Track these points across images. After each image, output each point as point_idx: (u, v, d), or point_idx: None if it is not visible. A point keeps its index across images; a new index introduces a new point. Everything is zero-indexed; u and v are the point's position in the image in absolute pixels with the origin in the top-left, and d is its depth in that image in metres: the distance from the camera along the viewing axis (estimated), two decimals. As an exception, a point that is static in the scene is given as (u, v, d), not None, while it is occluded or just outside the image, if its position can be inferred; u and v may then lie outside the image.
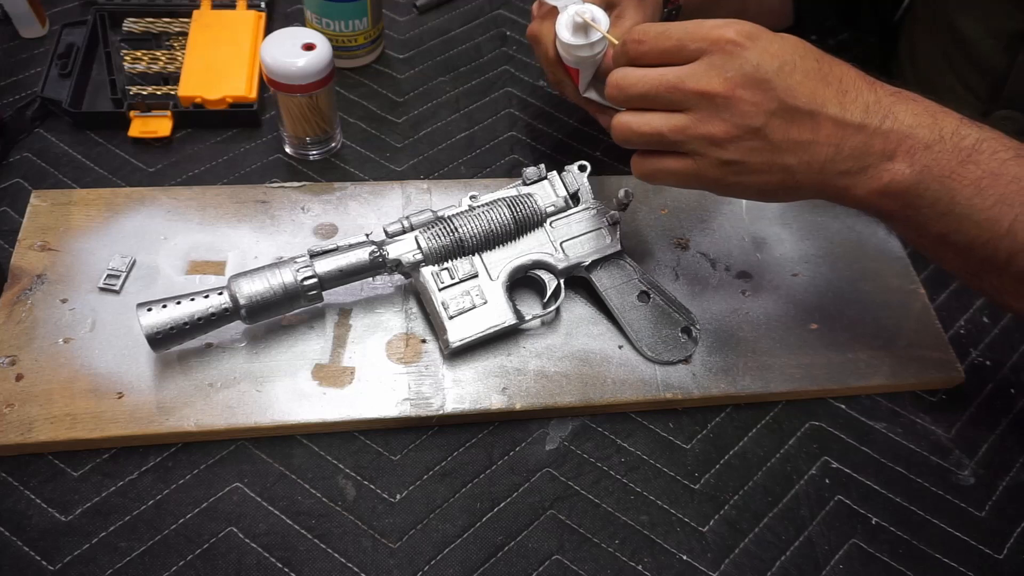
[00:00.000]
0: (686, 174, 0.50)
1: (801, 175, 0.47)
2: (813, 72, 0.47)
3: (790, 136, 0.46)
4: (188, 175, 0.69)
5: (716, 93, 0.46)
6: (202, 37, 0.75)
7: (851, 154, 0.46)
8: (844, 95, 0.47)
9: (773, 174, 0.48)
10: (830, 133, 0.46)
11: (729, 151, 0.47)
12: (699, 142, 0.48)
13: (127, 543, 0.50)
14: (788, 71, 0.46)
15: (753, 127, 0.46)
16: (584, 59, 0.57)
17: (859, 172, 0.47)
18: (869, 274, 0.67)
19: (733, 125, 0.46)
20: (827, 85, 0.47)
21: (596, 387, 0.58)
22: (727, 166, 0.48)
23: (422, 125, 0.75)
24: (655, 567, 0.52)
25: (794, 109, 0.46)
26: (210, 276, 0.61)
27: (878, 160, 0.46)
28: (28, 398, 0.53)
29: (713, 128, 0.47)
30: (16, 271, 0.59)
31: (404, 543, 0.52)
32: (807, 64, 0.47)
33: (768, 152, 0.47)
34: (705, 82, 0.46)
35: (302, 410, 0.55)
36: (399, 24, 0.84)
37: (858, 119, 0.46)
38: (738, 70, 0.45)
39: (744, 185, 0.49)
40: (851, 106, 0.46)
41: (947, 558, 0.54)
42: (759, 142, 0.47)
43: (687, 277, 0.65)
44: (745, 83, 0.46)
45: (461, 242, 0.58)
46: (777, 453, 0.58)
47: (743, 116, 0.46)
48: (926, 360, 0.62)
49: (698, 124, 0.47)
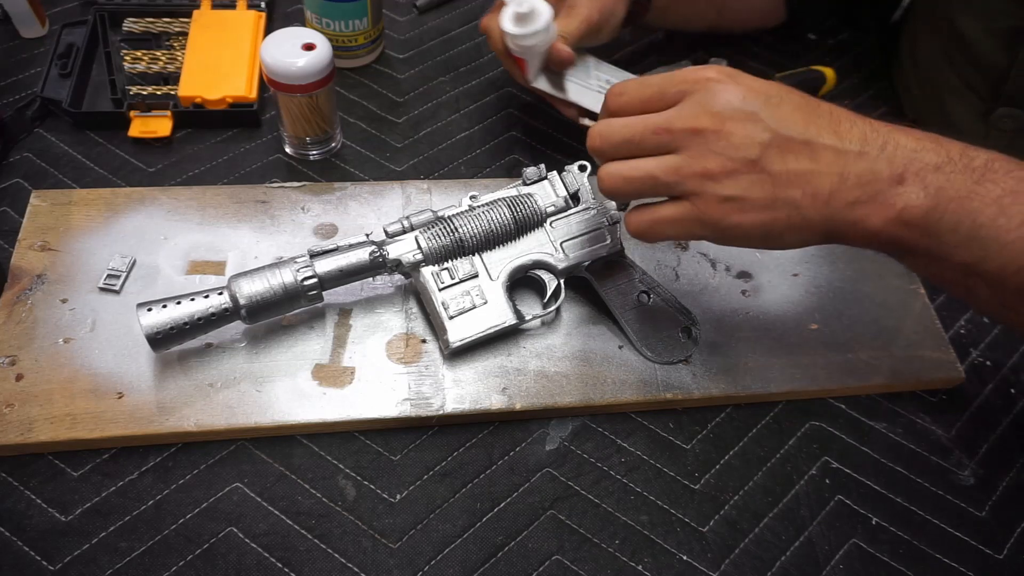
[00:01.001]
0: (686, 219, 0.47)
1: (808, 209, 0.45)
2: (801, 105, 0.46)
3: (788, 166, 0.45)
4: (188, 175, 0.69)
5: (706, 128, 0.45)
6: (202, 37, 0.75)
7: (857, 182, 0.44)
8: (838, 124, 0.45)
9: (778, 210, 0.45)
10: (831, 161, 0.45)
11: (727, 187, 0.45)
12: (695, 180, 0.46)
13: (127, 543, 0.50)
14: (775, 104, 0.45)
15: (749, 159, 0.45)
16: (528, 48, 0.61)
17: (869, 200, 0.44)
18: (869, 274, 0.67)
19: (728, 159, 0.45)
20: (817, 116, 0.45)
21: (596, 387, 0.58)
22: (728, 203, 0.46)
23: (422, 125, 0.75)
24: (655, 567, 0.52)
25: (788, 138, 0.45)
26: (210, 276, 0.61)
27: (887, 186, 0.44)
28: (28, 398, 0.53)
29: (708, 164, 0.45)
30: (16, 271, 0.59)
31: (404, 543, 0.52)
32: (793, 98, 0.46)
33: (769, 185, 0.45)
34: (693, 120, 0.45)
35: (302, 410, 0.55)
36: (399, 24, 0.84)
37: (856, 147, 0.45)
38: (725, 105, 0.45)
39: (748, 225, 0.46)
40: (847, 135, 0.45)
41: (947, 558, 0.54)
42: (758, 175, 0.45)
43: (687, 277, 0.65)
44: (734, 116, 0.45)
45: (461, 242, 0.58)
46: (777, 453, 0.58)
47: (737, 148, 0.45)
48: (926, 360, 0.62)
49: (692, 162, 0.45)
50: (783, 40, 0.88)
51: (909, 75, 0.83)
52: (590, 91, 0.68)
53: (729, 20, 0.83)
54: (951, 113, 0.77)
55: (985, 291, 0.45)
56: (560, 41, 0.63)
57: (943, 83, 0.77)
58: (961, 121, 0.76)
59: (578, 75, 0.68)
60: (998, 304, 0.46)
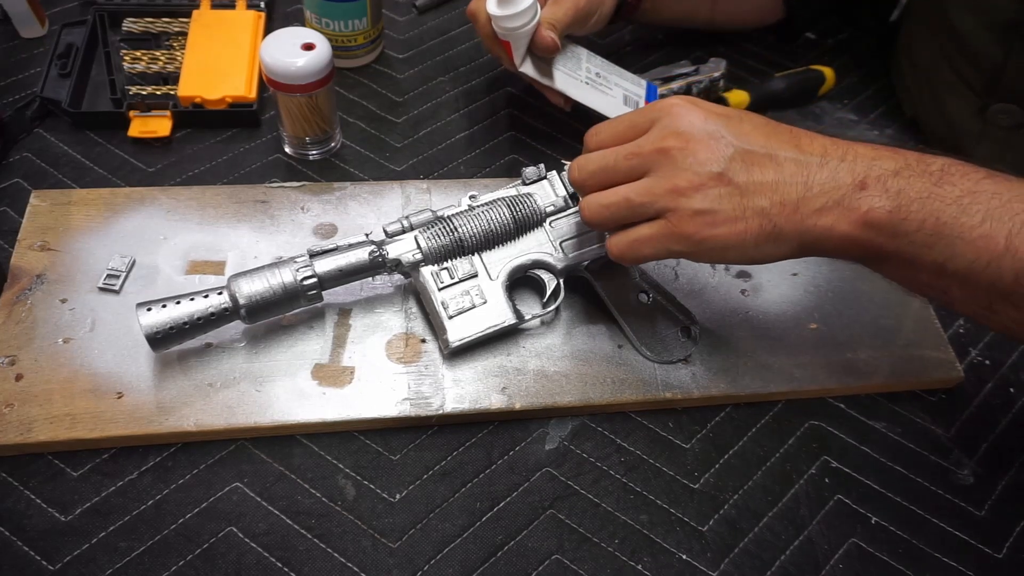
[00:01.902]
0: (662, 236, 0.50)
1: (778, 217, 0.48)
2: (760, 124, 0.50)
3: (753, 177, 0.48)
4: (188, 175, 0.69)
5: (672, 147, 0.48)
6: (202, 37, 0.75)
7: (821, 189, 0.47)
8: (798, 139, 0.49)
9: (749, 220, 0.48)
10: (794, 171, 0.47)
11: (697, 200, 0.48)
12: (667, 197, 0.49)
13: (127, 543, 0.50)
14: (736, 123, 0.49)
15: (715, 172, 0.48)
16: (512, 31, 0.61)
17: (835, 206, 0.47)
18: (869, 274, 0.66)
19: (695, 174, 0.48)
20: (778, 133, 0.49)
21: (596, 387, 0.58)
22: (699, 216, 0.48)
23: (422, 125, 0.75)
24: (655, 567, 0.52)
25: (751, 152, 0.48)
26: (210, 276, 0.61)
27: (851, 191, 0.46)
28: (28, 398, 0.53)
29: (678, 180, 0.48)
30: (16, 271, 0.59)
31: (404, 543, 0.52)
32: (753, 119, 0.50)
33: (737, 196, 0.48)
34: (660, 141, 0.49)
35: (302, 410, 0.55)
36: (399, 24, 0.84)
37: (818, 158, 0.48)
38: (688, 126, 0.48)
39: (722, 237, 0.48)
40: (807, 148, 0.48)
41: (947, 558, 0.54)
42: (725, 187, 0.48)
43: (686, 277, 0.65)
44: (698, 136, 0.48)
45: (461, 242, 0.58)
46: (777, 453, 0.58)
47: (703, 164, 0.48)
48: (926, 360, 0.62)
49: (661, 181, 0.49)
50: (782, 40, 0.88)
51: (907, 73, 0.83)
52: (577, 81, 0.68)
53: (724, 16, 0.83)
54: (948, 110, 0.77)
55: (959, 292, 0.47)
56: (546, 27, 0.64)
57: (940, 80, 0.77)
58: (958, 118, 0.76)
59: (568, 65, 0.68)
60: (974, 304, 0.47)
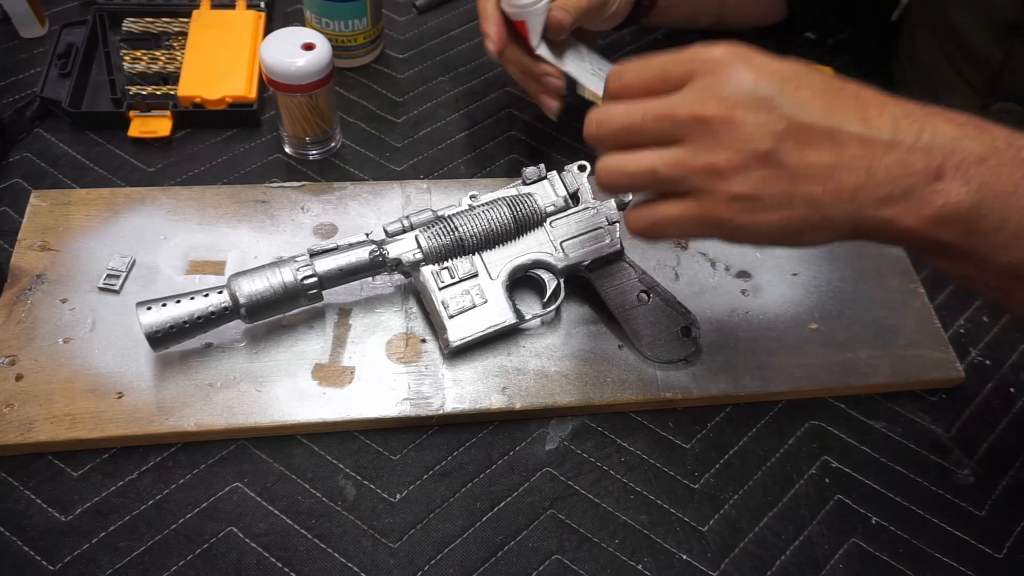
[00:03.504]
0: (691, 219, 0.42)
1: (830, 207, 0.40)
2: (823, 87, 0.40)
3: (807, 160, 0.39)
4: (188, 175, 0.69)
5: (712, 117, 0.40)
6: (202, 37, 0.75)
7: (887, 177, 0.39)
8: (865, 109, 0.40)
9: (795, 208, 0.40)
10: (856, 154, 0.39)
11: (737, 184, 0.40)
12: (700, 176, 0.41)
13: (127, 543, 0.50)
14: (793, 88, 0.40)
15: (761, 151, 0.39)
16: (525, 8, 0.58)
17: (902, 198, 0.39)
18: (869, 274, 0.67)
19: (737, 152, 0.40)
20: (842, 100, 0.40)
21: (596, 387, 0.58)
22: (737, 202, 0.41)
23: (422, 125, 0.75)
24: (655, 567, 0.52)
25: (808, 127, 0.39)
26: (210, 276, 0.61)
27: (923, 181, 0.39)
28: (28, 398, 0.53)
29: (715, 157, 0.40)
30: (16, 271, 0.59)
31: (404, 543, 0.52)
32: (814, 79, 0.40)
33: (784, 181, 0.40)
34: (699, 106, 0.40)
35: (302, 410, 0.55)
36: (399, 24, 0.84)
37: (887, 135, 0.39)
38: (735, 90, 0.39)
39: (761, 225, 0.41)
40: (876, 121, 0.39)
41: (947, 558, 0.54)
42: (771, 170, 0.40)
43: (687, 277, 0.65)
44: (745, 103, 0.39)
45: (461, 241, 0.58)
46: (777, 453, 0.58)
47: (747, 140, 0.39)
48: (926, 360, 0.62)
49: (697, 155, 0.40)
50: (782, 40, 0.88)
51: (907, 73, 0.83)
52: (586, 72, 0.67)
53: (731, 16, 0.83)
54: None
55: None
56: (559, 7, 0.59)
57: (940, 80, 0.77)
58: None
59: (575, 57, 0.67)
60: None
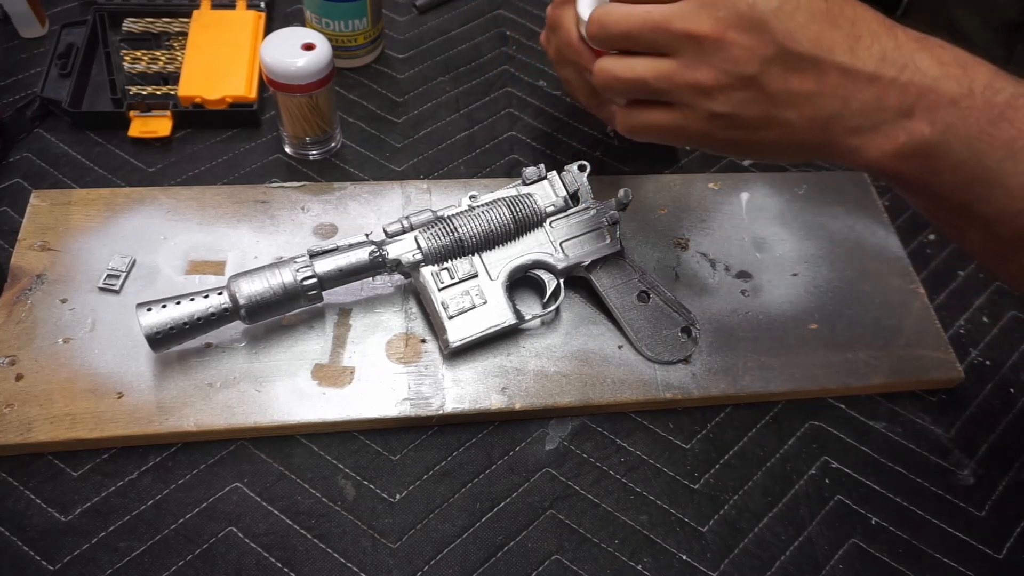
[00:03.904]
0: (672, 128, 0.45)
1: (802, 132, 0.42)
2: (820, 13, 0.41)
3: (789, 86, 0.41)
4: (188, 175, 0.69)
5: (704, 35, 0.41)
6: (202, 37, 0.75)
7: (861, 109, 0.41)
8: (856, 40, 0.41)
9: (770, 130, 0.43)
10: (836, 84, 0.41)
11: (719, 102, 0.42)
12: (685, 91, 0.43)
13: (127, 543, 0.50)
14: (789, 11, 0.40)
15: (746, 75, 0.41)
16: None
17: (871, 130, 0.41)
18: (869, 274, 0.67)
19: (723, 72, 0.41)
20: (836, 28, 0.41)
21: (596, 387, 0.58)
22: (716, 119, 0.43)
23: (422, 125, 0.75)
24: (655, 567, 0.52)
25: (795, 55, 0.41)
26: (210, 276, 0.61)
27: (893, 117, 0.41)
28: (28, 398, 0.53)
29: (700, 75, 0.42)
30: (16, 271, 0.59)
31: (404, 543, 0.52)
32: (813, 4, 0.41)
33: (764, 104, 0.42)
34: (693, 22, 0.41)
35: (302, 410, 0.55)
36: (399, 24, 0.84)
37: (871, 68, 0.41)
38: (730, 9, 0.40)
39: (737, 140, 0.44)
40: (864, 53, 0.41)
41: (947, 558, 0.54)
42: (753, 92, 0.42)
43: (687, 277, 0.65)
44: (738, 24, 0.40)
45: (461, 242, 0.58)
46: (777, 453, 0.58)
47: (735, 63, 0.41)
48: (926, 360, 0.62)
49: (684, 71, 0.42)
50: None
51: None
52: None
53: None
54: None
55: (978, 236, 0.44)
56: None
57: None
58: None
59: None
60: (990, 252, 0.44)
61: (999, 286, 0.69)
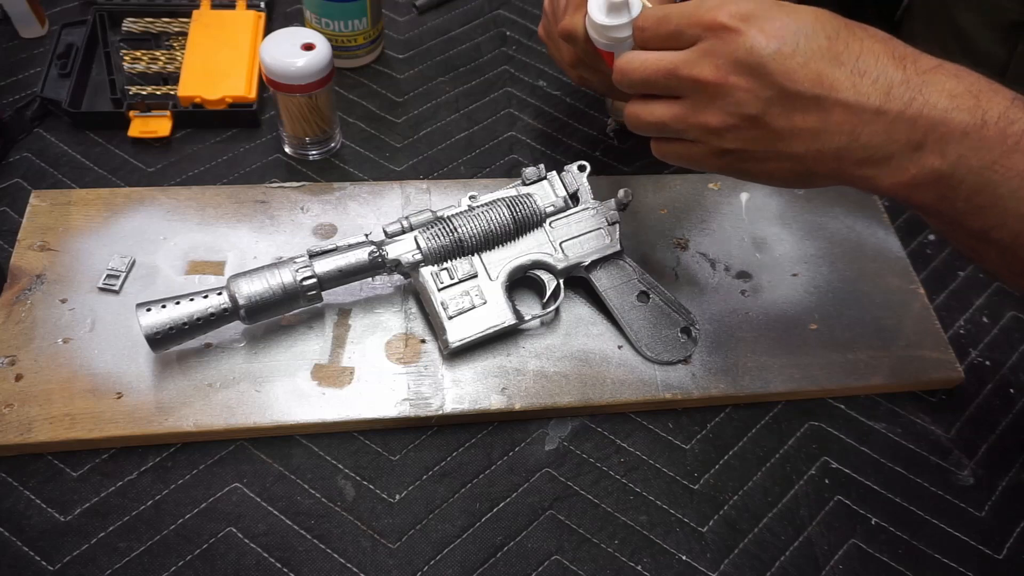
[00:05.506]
0: (694, 159, 0.49)
1: (813, 163, 0.44)
2: (820, 52, 0.42)
3: (793, 124, 0.43)
4: (188, 175, 0.69)
5: (708, 81, 0.44)
6: (202, 37, 0.75)
7: (869, 143, 0.42)
8: (860, 76, 0.41)
9: (781, 161, 0.45)
10: (842, 120, 0.42)
11: (728, 140, 0.45)
12: (697, 131, 0.46)
13: (126, 543, 0.50)
14: (787, 53, 0.42)
15: (750, 115, 0.43)
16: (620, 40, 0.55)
17: (881, 163, 0.42)
18: (869, 274, 0.67)
19: (728, 114, 0.44)
20: (838, 65, 0.42)
21: (596, 387, 0.58)
22: (728, 154, 0.46)
23: (422, 125, 0.75)
24: (654, 567, 0.52)
25: (796, 95, 0.42)
26: (209, 276, 0.61)
27: (903, 150, 0.41)
28: (27, 398, 0.53)
29: (709, 118, 0.45)
30: (15, 271, 0.59)
31: (403, 543, 0.52)
32: (813, 43, 0.42)
33: (771, 140, 0.44)
34: (697, 69, 0.44)
35: (301, 410, 0.55)
36: (399, 24, 0.84)
37: (876, 103, 0.41)
38: (729, 56, 0.43)
39: (750, 171, 0.47)
40: (868, 88, 0.41)
41: (947, 558, 0.54)
42: (759, 131, 0.44)
43: (687, 277, 0.65)
44: (737, 70, 0.43)
45: (460, 242, 0.58)
46: (777, 453, 0.58)
47: (738, 105, 0.43)
48: (926, 360, 0.62)
49: (695, 113, 0.45)
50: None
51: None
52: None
53: None
54: None
55: (995, 256, 0.44)
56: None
57: None
58: None
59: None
60: (1008, 270, 0.45)
61: (999, 286, 0.69)
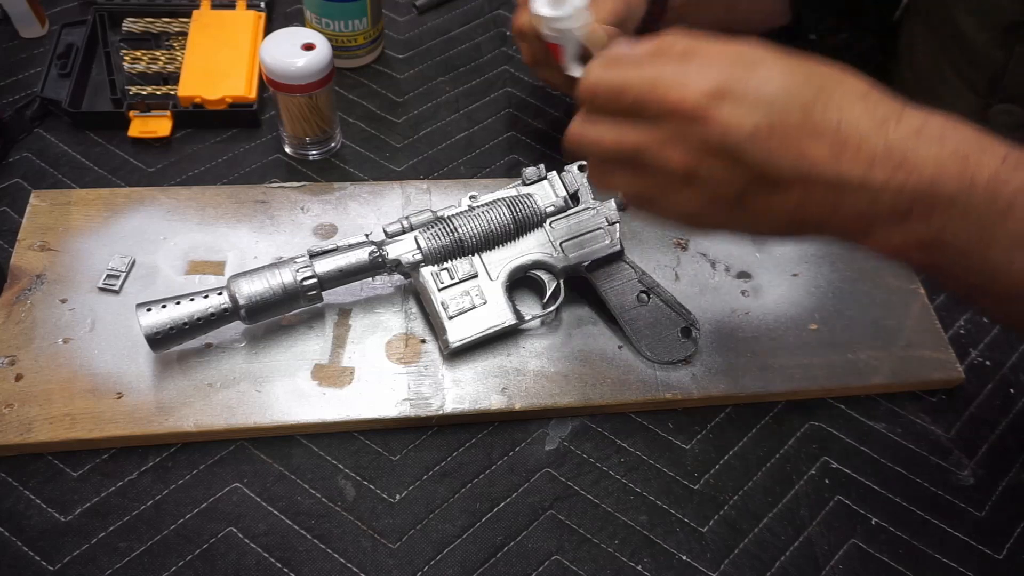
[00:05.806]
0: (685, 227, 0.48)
1: (796, 229, 0.42)
2: (797, 128, 0.38)
3: (772, 203, 0.40)
4: (188, 175, 0.69)
5: (678, 167, 0.40)
6: (202, 37, 0.75)
7: (852, 214, 0.39)
8: (842, 148, 0.38)
9: (761, 227, 0.43)
10: (823, 195, 0.39)
11: (705, 220, 0.43)
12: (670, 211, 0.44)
13: (127, 543, 0.50)
14: (764, 135, 0.38)
15: (727, 198, 0.41)
16: (564, 33, 0.57)
17: (865, 232, 0.40)
18: (869, 274, 0.67)
19: (705, 198, 0.41)
20: (818, 139, 0.38)
21: (596, 387, 0.58)
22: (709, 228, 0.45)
23: (422, 125, 0.75)
24: (654, 567, 0.52)
25: (774, 179, 0.39)
26: (209, 276, 0.61)
27: (888, 220, 0.39)
28: (27, 398, 0.53)
29: (682, 201, 0.42)
30: (16, 271, 0.59)
31: (404, 543, 0.52)
32: (789, 119, 0.38)
33: (749, 216, 0.42)
34: (665, 155, 0.40)
35: (302, 410, 0.55)
36: (399, 24, 0.84)
37: (858, 176, 0.38)
38: (702, 142, 0.39)
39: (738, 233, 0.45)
40: (849, 162, 0.38)
41: (947, 558, 0.54)
42: (736, 211, 0.42)
43: (687, 277, 0.65)
44: (712, 154, 0.39)
45: (461, 242, 0.58)
46: (777, 453, 0.58)
47: (715, 188, 0.41)
48: (926, 360, 0.62)
49: (667, 193, 0.43)
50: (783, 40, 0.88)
51: (907, 74, 0.83)
52: None
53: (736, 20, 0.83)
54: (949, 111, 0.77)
55: (991, 304, 0.44)
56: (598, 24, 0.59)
57: (940, 80, 0.77)
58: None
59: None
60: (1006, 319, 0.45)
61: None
